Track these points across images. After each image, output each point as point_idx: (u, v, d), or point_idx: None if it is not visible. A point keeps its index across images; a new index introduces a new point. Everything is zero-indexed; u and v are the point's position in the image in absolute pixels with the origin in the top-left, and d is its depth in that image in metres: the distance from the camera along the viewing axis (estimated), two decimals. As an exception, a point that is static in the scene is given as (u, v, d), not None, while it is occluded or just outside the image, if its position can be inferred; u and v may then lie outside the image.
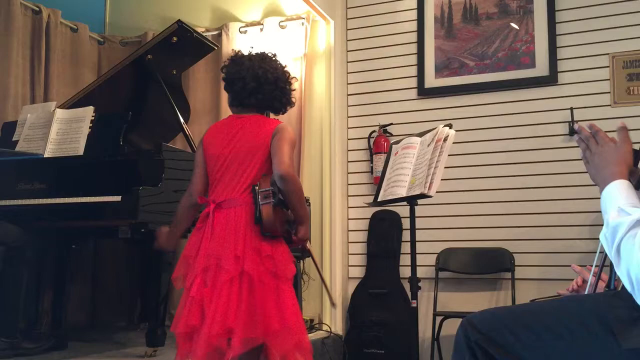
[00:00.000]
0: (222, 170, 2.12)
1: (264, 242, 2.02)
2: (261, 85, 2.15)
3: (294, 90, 2.29)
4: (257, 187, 2.01)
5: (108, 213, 2.81)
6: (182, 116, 3.39)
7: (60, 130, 3.09)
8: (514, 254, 3.64)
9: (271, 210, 1.98)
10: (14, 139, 3.17)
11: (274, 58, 2.24)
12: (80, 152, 2.97)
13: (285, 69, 2.25)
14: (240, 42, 4.21)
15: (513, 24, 3.87)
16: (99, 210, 2.81)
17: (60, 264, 3.27)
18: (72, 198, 2.82)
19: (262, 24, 4.21)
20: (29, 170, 3.05)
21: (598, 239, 1.29)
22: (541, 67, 3.77)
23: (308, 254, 2.38)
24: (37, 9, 3.90)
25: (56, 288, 3.25)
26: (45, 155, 3.01)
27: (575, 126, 1.47)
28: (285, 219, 2.07)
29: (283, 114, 2.30)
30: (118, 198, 2.72)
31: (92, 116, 3.09)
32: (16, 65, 3.71)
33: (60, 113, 3.14)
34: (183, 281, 2.06)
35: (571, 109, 3.62)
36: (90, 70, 4.34)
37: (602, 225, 1.27)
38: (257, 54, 2.22)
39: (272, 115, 2.33)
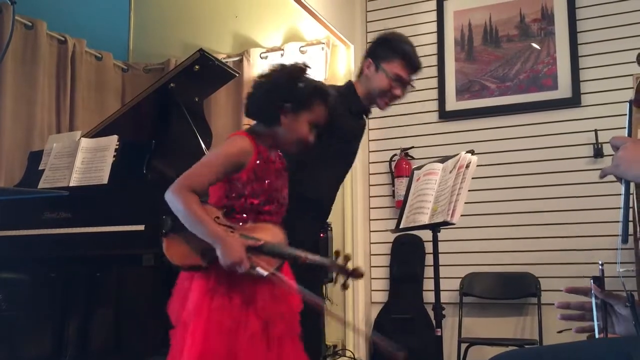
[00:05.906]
0: None
1: (189, 278, 1.81)
2: (254, 91, 1.91)
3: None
4: None
5: (132, 242, 2.82)
6: (204, 142, 3.40)
7: (85, 159, 3.13)
8: (539, 279, 3.58)
9: (164, 241, 1.80)
10: (40, 168, 3.22)
11: (284, 68, 1.91)
12: (105, 181, 3.00)
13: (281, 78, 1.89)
14: (261, 67, 4.24)
15: (534, 44, 3.85)
16: (123, 238, 2.83)
17: (85, 291, 3.30)
18: (96, 227, 2.84)
19: (283, 50, 4.25)
20: (54, 199, 3.08)
21: (628, 262, 1.23)
22: (564, 89, 3.73)
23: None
24: (63, 38, 3.98)
25: (81, 315, 3.27)
26: (71, 184, 3.05)
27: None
28: (194, 247, 1.76)
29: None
30: (141, 227, 2.73)
31: (116, 145, 3.13)
32: (42, 94, 3.78)
33: (85, 142, 3.18)
34: None
35: (595, 130, 3.58)
36: (115, 97, 4.42)
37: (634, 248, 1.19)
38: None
39: None
